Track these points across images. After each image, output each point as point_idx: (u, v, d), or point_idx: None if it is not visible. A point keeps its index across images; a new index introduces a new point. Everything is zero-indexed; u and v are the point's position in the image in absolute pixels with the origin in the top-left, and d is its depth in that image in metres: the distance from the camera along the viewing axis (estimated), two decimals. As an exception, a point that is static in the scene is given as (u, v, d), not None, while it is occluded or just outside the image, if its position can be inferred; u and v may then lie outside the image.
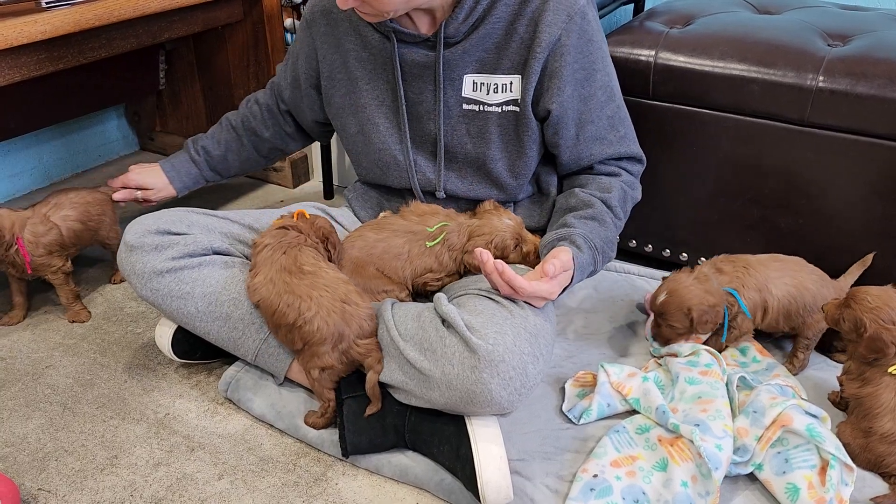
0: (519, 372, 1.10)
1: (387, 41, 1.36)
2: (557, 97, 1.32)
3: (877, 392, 1.21)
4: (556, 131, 1.36)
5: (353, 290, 1.25)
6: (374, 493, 1.23)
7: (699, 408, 1.24)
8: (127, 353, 1.57)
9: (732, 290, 1.39)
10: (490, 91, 1.35)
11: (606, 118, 1.38)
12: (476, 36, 1.32)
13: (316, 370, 1.24)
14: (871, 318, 1.20)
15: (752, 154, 1.59)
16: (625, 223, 1.42)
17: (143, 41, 1.79)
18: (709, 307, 1.36)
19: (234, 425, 1.37)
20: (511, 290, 1.17)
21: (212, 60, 2.28)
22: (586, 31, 1.30)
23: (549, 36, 1.28)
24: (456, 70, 1.35)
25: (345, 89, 1.45)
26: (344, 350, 1.22)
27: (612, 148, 1.39)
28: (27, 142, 2.28)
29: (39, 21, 1.47)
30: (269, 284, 1.24)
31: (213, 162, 1.69)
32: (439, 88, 1.36)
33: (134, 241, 1.34)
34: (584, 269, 1.27)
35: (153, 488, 1.24)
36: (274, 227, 1.34)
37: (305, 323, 1.20)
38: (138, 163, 1.72)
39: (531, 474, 1.21)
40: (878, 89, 1.43)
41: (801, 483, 1.13)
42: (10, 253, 1.54)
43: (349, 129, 1.48)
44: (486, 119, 1.37)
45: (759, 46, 1.56)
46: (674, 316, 1.38)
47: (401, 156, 1.44)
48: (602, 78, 1.35)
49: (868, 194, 1.51)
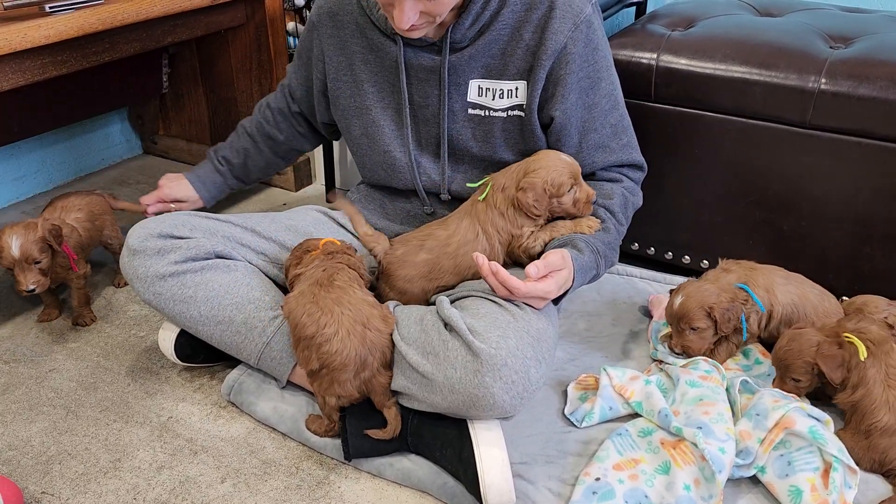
0: (522, 376, 1.10)
1: (392, 44, 1.37)
2: (561, 105, 1.32)
3: (868, 390, 1.22)
4: (559, 138, 1.36)
5: (377, 315, 1.20)
6: (377, 497, 1.23)
7: (701, 410, 1.24)
8: (130, 357, 1.57)
9: (744, 286, 1.40)
10: (495, 96, 1.35)
11: (610, 126, 1.38)
12: (482, 41, 1.32)
13: (334, 398, 1.20)
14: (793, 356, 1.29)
15: (754, 156, 1.59)
16: (627, 228, 1.42)
17: (146, 45, 1.79)
18: (729, 303, 1.36)
19: (236, 429, 1.37)
20: (507, 291, 1.17)
21: (215, 64, 2.28)
22: (592, 40, 1.31)
23: (554, 44, 1.28)
24: (461, 75, 1.35)
25: (350, 91, 1.45)
26: (366, 379, 1.18)
27: (615, 156, 1.39)
28: (31, 145, 2.28)
29: (43, 26, 1.48)
30: (299, 296, 1.22)
31: (235, 170, 1.69)
32: (444, 93, 1.36)
33: (137, 244, 1.34)
34: (585, 271, 1.27)
35: (156, 491, 1.24)
36: (321, 252, 1.30)
37: (325, 341, 1.16)
38: (166, 173, 1.71)
39: (533, 478, 1.21)
40: (880, 91, 1.43)
41: (804, 486, 1.13)
42: (58, 260, 1.58)
43: (353, 131, 1.48)
44: (491, 124, 1.37)
45: (762, 49, 1.56)
46: (695, 316, 1.36)
47: (405, 158, 1.44)
48: (606, 87, 1.35)
49: (870, 196, 1.51)
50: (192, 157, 2.51)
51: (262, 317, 1.31)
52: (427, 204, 1.48)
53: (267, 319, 1.31)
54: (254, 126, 1.67)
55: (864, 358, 1.22)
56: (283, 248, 1.44)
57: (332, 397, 1.20)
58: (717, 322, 1.36)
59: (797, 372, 1.30)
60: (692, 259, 1.76)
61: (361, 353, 1.17)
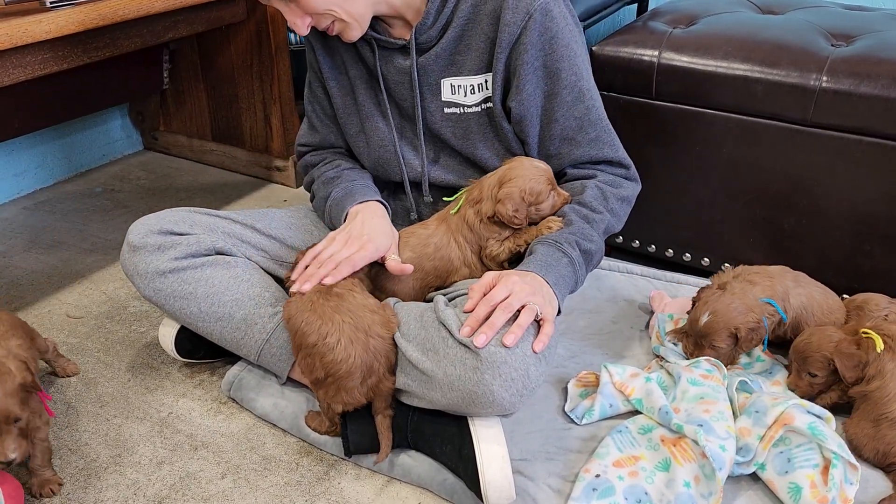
0: (521, 373, 1.10)
1: (368, 48, 1.37)
2: (517, 95, 1.30)
3: (885, 382, 1.22)
4: (522, 129, 1.34)
5: (377, 321, 1.19)
6: (377, 493, 1.23)
7: (702, 408, 1.24)
8: (130, 353, 1.57)
9: (770, 301, 1.38)
10: (467, 93, 1.35)
11: (574, 119, 1.33)
12: (446, 39, 1.31)
13: (340, 405, 1.19)
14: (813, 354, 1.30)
15: (755, 154, 1.59)
16: (620, 217, 1.38)
17: (147, 41, 1.79)
18: (755, 324, 1.34)
19: (237, 424, 1.37)
20: (488, 308, 1.14)
21: (215, 60, 2.28)
22: (549, 29, 1.27)
23: (508, 35, 1.26)
24: (433, 75, 1.35)
25: (344, 90, 1.45)
26: (373, 385, 1.18)
27: (582, 150, 1.36)
28: (31, 141, 2.28)
29: (44, 21, 1.48)
30: (297, 302, 1.21)
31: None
32: (416, 95, 1.36)
33: (137, 241, 1.34)
34: (550, 266, 1.23)
35: (156, 487, 1.24)
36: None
37: (329, 350, 1.15)
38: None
39: (533, 474, 1.21)
40: (881, 89, 1.43)
41: (804, 482, 1.13)
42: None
43: (350, 130, 1.48)
44: (467, 120, 1.37)
45: (763, 46, 1.56)
46: (719, 336, 1.35)
47: (395, 155, 1.44)
48: (569, 77, 1.31)
49: (871, 195, 1.50)
50: (192, 152, 2.51)
51: (262, 313, 1.31)
52: (413, 210, 1.47)
53: (267, 316, 1.31)
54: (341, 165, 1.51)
55: (881, 350, 1.23)
56: (283, 244, 1.44)
57: (339, 405, 1.19)
58: (740, 341, 1.34)
59: (814, 366, 1.30)
60: (693, 256, 1.76)
61: (367, 360, 1.16)
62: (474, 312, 1.13)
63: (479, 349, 1.10)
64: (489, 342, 1.10)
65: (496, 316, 1.12)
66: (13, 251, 1.98)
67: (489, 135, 1.38)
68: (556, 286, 1.22)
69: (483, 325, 1.11)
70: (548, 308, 1.17)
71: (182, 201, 2.24)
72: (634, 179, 1.42)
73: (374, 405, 1.21)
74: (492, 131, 1.38)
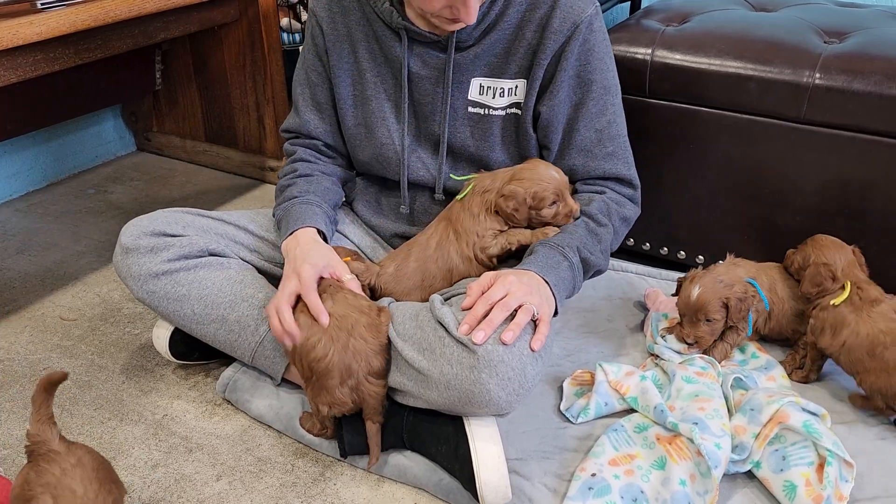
0: (518, 373, 1.10)
1: (397, 39, 1.36)
2: (549, 101, 1.32)
3: (856, 330, 1.29)
4: (546, 134, 1.35)
5: (363, 323, 1.18)
6: (373, 494, 1.23)
7: (696, 406, 1.24)
8: (124, 355, 1.57)
9: (752, 281, 1.41)
10: (496, 95, 1.35)
11: (595, 130, 1.35)
12: (487, 41, 1.32)
13: (325, 406, 1.19)
14: (817, 254, 1.38)
15: (749, 152, 1.59)
16: (619, 236, 1.38)
17: (139, 41, 1.78)
18: (743, 294, 1.37)
19: (232, 426, 1.37)
20: (486, 306, 1.14)
21: (208, 60, 2.28)
22: (588, 41, 1.30)
23: (553, 43, 1.28)
24: (464, 73, 1.35)
25: (351, 79, 1.43)
26: (353, 386, 1.17)
27: (597, 163, 1.36)
28: (24, 143, 2.28)
29: (35, 22, 1.47)
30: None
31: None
32: (447, 91, 1.35)
33: (129, 243, 1.33)
34: (549, 267, 1.23)
35: (151, 489, 1.24)
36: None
37: (312, 348, 1.16)
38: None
39: (529, 473, 1.21)
40: (874, 86, 1.43)
41: (799, 480, 1.13)
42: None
43: (349, 121, 1.45)
44: (490, 122, 1.37)
45: (756, 44, 1.56)
46: (712, 306, 1.36)
47: (399, 152, 1.43)
48: (598, 90, 1.33)
49: (864, 191, 1.51)
50: (185, 153, 2.50)
51: (256, 315, 1.31)
52: (405, 204, 1.46)
53: (260, 318, 1.31)
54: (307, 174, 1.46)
55: (846, 297, 1.32)
56: (276, 246, 1.44)
57: (325, 406, 1.19)
58: (730, 311, 1.37)
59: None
60: (687, 255, 1.76)
61: (344, 359, 1.15)
62: (472, 310, 1.14)
63: (476, 348, 1.10)
64: (487, 339, 1.10)
65: (494, 314, 1.12)
66: (6, 253, 1.98)
67: (508, 139, 1.38)
68: (556, 287, 1.22)
69: (481, 323, 1.12)
70: (545, 308, 1.17)
71: (175, 202, 2.24)
72: (637, 203, 1.42)
73: (363, 410, 1.20)
74: (512, 136, 1.38)
